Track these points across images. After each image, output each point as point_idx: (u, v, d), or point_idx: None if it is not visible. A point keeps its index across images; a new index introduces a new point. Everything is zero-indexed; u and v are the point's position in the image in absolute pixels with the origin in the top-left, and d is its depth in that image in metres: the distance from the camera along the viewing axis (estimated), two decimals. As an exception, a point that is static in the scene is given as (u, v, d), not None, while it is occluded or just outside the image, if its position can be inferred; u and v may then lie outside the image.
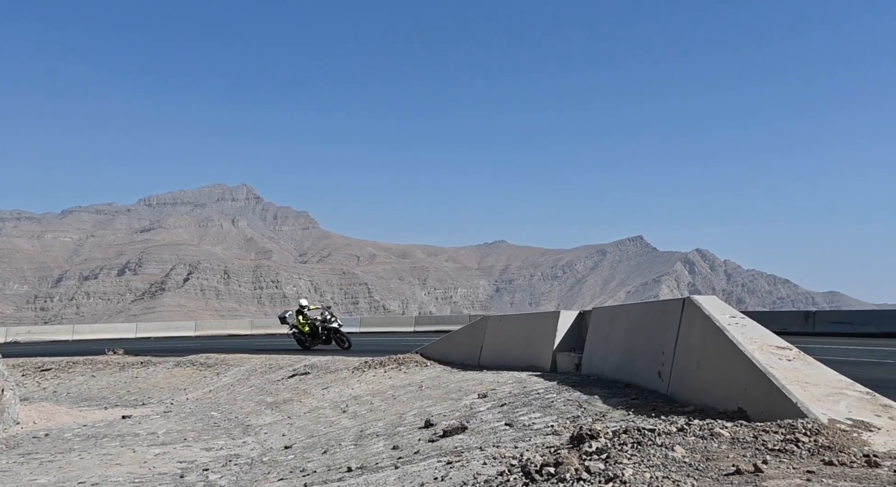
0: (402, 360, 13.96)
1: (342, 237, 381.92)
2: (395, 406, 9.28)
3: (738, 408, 4.67)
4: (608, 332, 9.07)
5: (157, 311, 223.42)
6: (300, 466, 6.20)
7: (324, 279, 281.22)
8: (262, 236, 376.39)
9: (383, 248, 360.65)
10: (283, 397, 12.18)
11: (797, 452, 3.19)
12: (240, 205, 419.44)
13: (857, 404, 3.79)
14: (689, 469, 2.99)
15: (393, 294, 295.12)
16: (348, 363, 14.99)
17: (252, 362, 17.48)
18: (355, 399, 10.70)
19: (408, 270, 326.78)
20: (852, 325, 20.65)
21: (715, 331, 5.62)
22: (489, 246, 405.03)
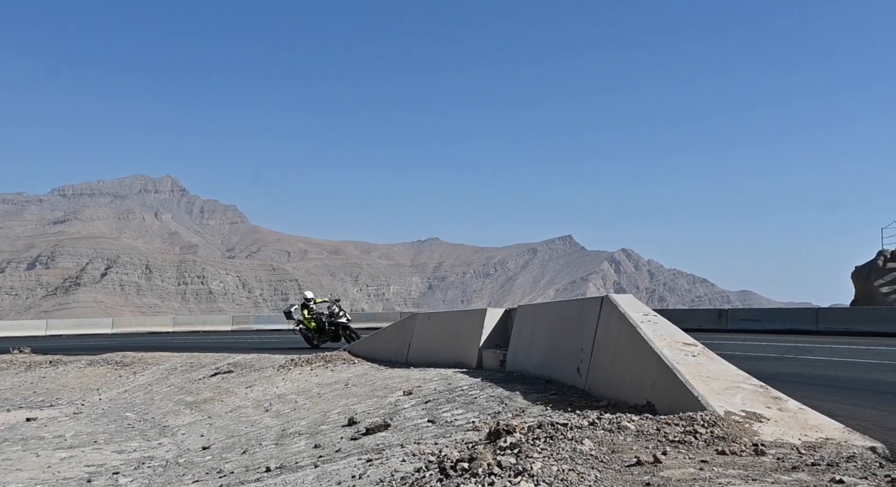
0: (330, 358, 13.81)
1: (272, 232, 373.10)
2: (320, 405, 9.19)
3: (647, 402, 4.89)
4: (532, 330, 9.29)
5: (71, 308, 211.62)
6: (217, 467, 6.05)
7: (252, 275, 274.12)
8: (188, 230, 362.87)
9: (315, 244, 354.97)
10: (204, 396, 11.82)
11: (695, 443, 3.38)
12: (164, 198, 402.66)
13: (752, 397, 4.05)
14: (595, 461, 3.12)
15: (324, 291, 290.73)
16: (274, 361, 14.69)
17: (172, 360, 16.86)
18: (279, 397, 10.51)
19: (340, 266, 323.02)
20: (760, 322, 21.94)
21: (629, 329, 5.86)
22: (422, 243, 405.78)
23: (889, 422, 4.71)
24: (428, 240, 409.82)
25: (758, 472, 2.77)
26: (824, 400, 6.38)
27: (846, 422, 4.54)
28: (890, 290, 25.42)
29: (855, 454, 3.04)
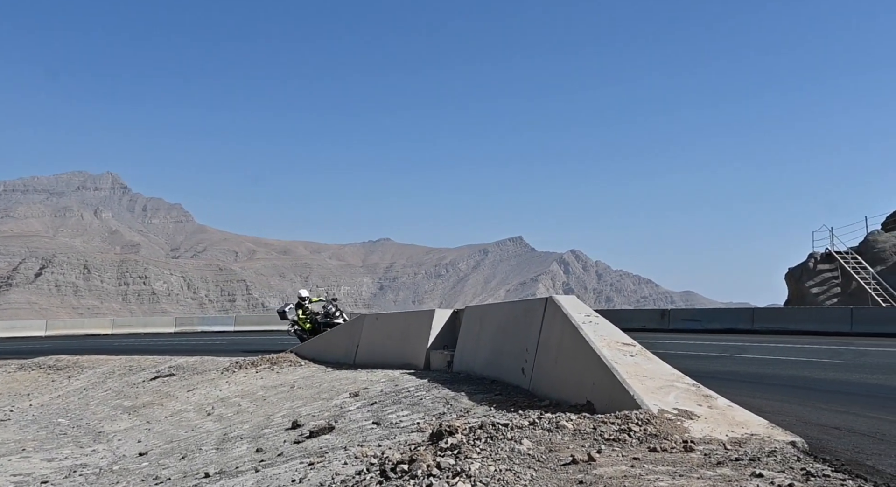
0: (276, 360, 13.59)
1: (219, 231, 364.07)
2: (264, 408, 9.02)
3: (587, 401, 5.00)
4: (478, 330, 9.36)
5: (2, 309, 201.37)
6: (154, 474, 5.87)
7: (198, 275, 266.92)
8: (130, 229, 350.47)
9: (264, 244, 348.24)
10: (143, 401, 11.45)
11: (629, 441, 3.48)
12: (104, 195, 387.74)
13: (684, 395, 4.19)
14: (532, 460, 3.18)
15: (273, 291, 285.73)
16: (218, 363, 14.35)
17: (111, 364, 16.26)
18: (222, 401, 10.28)
19: (289, 267, 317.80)
20: (700, 322, 22.67)
21: (571, 330, 5.98)
22: (374, 243, 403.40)
23: (812, 418, 4.95)
24: (379, 241, 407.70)
25: (685, 468, 2.87)
26: (756, 397, 6.66)
27: (773, 418, 4.75)
28: (820, 291, 26.68)
29: (776, 448, 3.18)
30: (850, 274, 24.86)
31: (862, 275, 24.45)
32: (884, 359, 10.42)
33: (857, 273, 24.56)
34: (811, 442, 3.69)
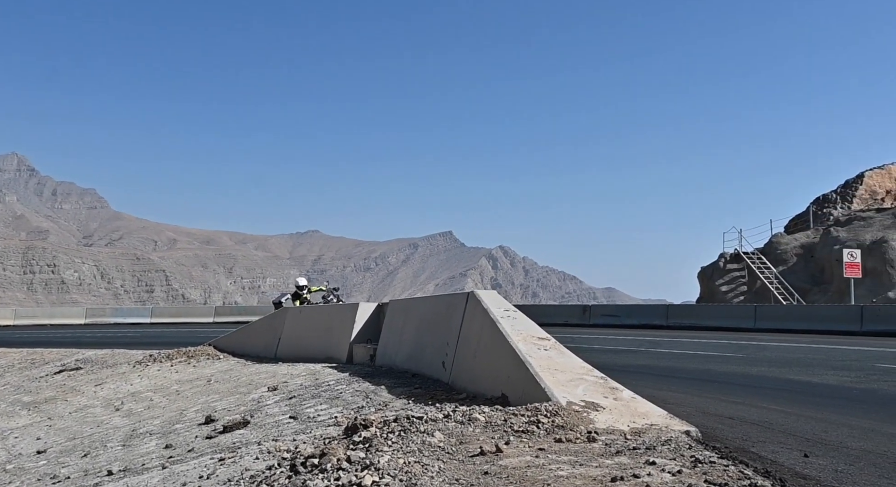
0: (193, 353, 13.14)
1: (137, 219, 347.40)
2: (178, 403, 8.72)
3: (502, 394, 5.11)
4: (402, 324, 9.38)
5: None
6: (52, 472, 5.57)
7: (113, 264, 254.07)
8: (37, 214, 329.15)
9: (185, 233, 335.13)
10: (45, 395, 10.82)
11: (537, 432, 3.58)
12: (8, 178, 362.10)
13: (592, 388, 4.36)
14: (441, 452, 3.22)
15: (195, 282, 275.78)
16: (130, 356, 13.74)
17: (10, 357, 15.27)
18: (133, 395, 9.86)
19: (212, 257, 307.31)
20: (619, 318, 23.54)
21: (490, 324, 6.09)
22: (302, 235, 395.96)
23: (710, 408, 5.25)
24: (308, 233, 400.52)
25: (586, 457, 2.99)
26: (663, 389, 6.98)
27: (675, 409, 5.00)
28: (729, 289, 28.26)
29: (672, 437, 3.36)
30: (755, 273, 26.44)
31: (766, 275, 26.05)
32: (781, 354, 11.16)
33: (762, 272, 26.15)
34: (705, 431, 3.91)
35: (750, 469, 2.73)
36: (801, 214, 30.89)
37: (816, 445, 3.59)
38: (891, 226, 24.95)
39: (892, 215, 25.83)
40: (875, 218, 26.09)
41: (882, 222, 25.46)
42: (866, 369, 8.50)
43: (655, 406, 4.08)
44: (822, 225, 28.29)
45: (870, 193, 29.43)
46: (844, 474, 2.87)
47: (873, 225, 25.53)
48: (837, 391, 6.55)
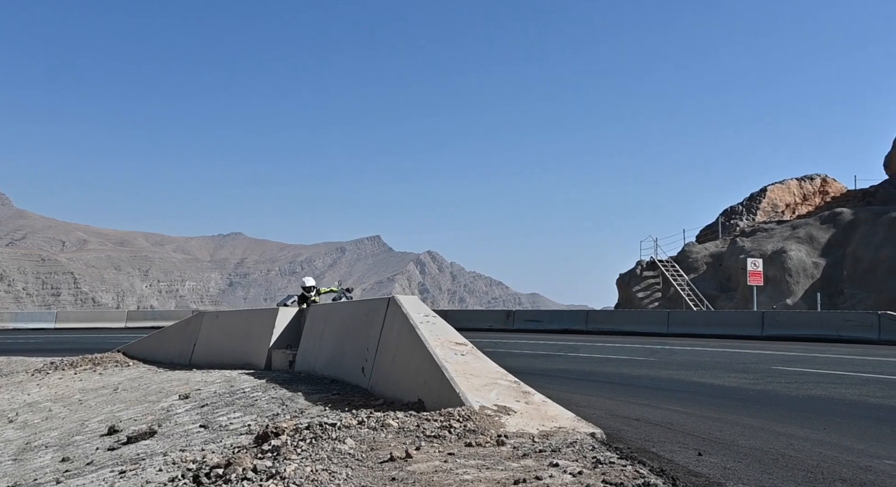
0: (100, 360, 12.48)
1: (43, 218, 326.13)
2: (80, 413, 8.24)
3: (419, 400, 5.13)
4: (322, 329, 9.25)
5: None
6: (-70, 492, 5.13)
7: (14, 265, 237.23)
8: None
9: (97, 233, 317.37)
10: (-71, 408, 9.96)
11: (449, 437, 3.62)
12: None
13: (506, 392, 4.45)
14: (351, 459, 3.20)
15: (107, 285, 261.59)
16: (29, 364, 12.89)
17: None
18: (30, 406, 9.24)
19: (127, 259, 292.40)
20: (541, 323, 24.08)
21: (409, 329, 6.10)
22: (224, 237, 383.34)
23: (619, 411, 5.46)
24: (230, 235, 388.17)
25: (493, 460, 3.05)
26: (577, 392, 7.20)
27: (585, 412, 5.17)
28: (645, 295, 29.49)
29: (577, 439, 3.48)
30: (669, 280, 27.71)
31: (679, 282, 27.34)
32: (689, 357, 11.73)
33: (675, 279, 27.43)
34: (611, 433, 4.07)
35: (646, 469, 2.86)
36: (711, 225, 32.64)
37: (711, 444, 3.79)
38: (790, 238, 26.75)
39: (790, 227, 27.71)
40: (776, 229, 27.90)
41: (782, 233, 27.25)
42: (763, 371, 9.06)
43: (565, 409, 4.20)
44: (730, 235, 30.00)
45: (772, 206, 31.46)
46: (731, 470, 3.05)
47: (774, 236, 27.29)
48: (736, 392, 6.95)
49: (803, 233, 26.72)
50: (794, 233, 26.91)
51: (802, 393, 6.70)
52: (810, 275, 25.45)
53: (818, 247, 26.04)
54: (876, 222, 25.14)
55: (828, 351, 12.80)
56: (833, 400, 6.10)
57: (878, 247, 24.25)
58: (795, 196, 32.04)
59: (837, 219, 26.67)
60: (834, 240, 25.95)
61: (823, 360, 10.87)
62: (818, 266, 25.56)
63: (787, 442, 3.88)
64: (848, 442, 3.91)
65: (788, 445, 3.77)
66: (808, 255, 25.86)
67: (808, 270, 25.55)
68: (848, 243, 25.42)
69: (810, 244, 26.20)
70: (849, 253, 25.09)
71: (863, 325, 16.07)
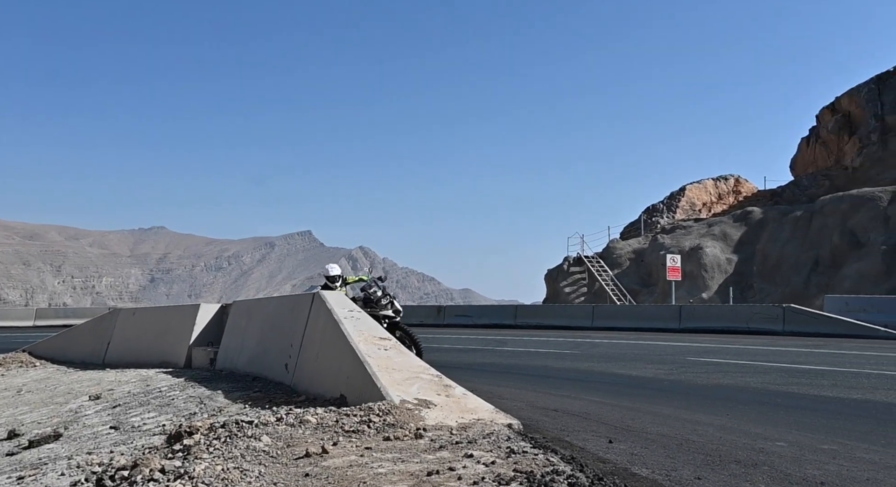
0: (2, 361, 11.71)
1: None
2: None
3: (341, 395, 5.08)
4: (246, 326, 9.01)
5: None
6: None
7: None
8: None
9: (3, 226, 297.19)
10: None
11: (367, 431, 3.60)
12: None
13: (427, 386, 4.46)
14: (265, 457, 3.13)
15: (14, 281, 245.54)
16: (-79, 367, 11.90)
17: None
18: (-79, 412, 8.55)
19: (37, 254, 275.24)
20: (471, 317, 24.33)
21: (333, 325, 6.03)
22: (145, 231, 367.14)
23: (539, 402, 5.59)
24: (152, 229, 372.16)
25: (410, 453, 3.06)
26: (501, 385, 7.33)
27: (506, 404, 5.27)
28: (571, 290, 30.30)
29: (494, 431, 3.53)
30: (594, 275, 28.58)
31: (603, 277, 28.24)
32: (610, 350, 12.14)
33: (600, 275, 28.32)
34: (529, 424, 4.16)
35: (557, 457, 2.94)
36: (635, 222, 33.88)
37: (622, 432, 3.94)
38: (706, 235, 28.12)
39: (706, 225, 29.12)
40: (693, 227, 29.26)
41: (699, 231, 28.60)
42: (678, 362, 9.49)
43: (485, 402, 4.26)
44: (651, 232, 31.24)
45: (690, 205, 32.96)
46: (638, 456, 3.18)
47: (692, 233, 28.61)
48: (651, 382, 7.25)
49: (718, 230, 28.14)
50: (710, 231, 28.30)
51: (711, 382, 7.06)
52: (724, 271, 26.84)
53: (731, 244, 27.49)
54: (782, 220, 26.78)
55: (737, 343, 13.54)
56: (738, 388, 6.46)
57: (784, 245, 25.85)
58: (711, 195, 33.69)
59: (748, 217, 28.23)
60: (745, 237, 27.46)
61: (733, 351, 11.50)
62: (731, 262, 26.99)
63: (693, 428, 4.08)
64: (747, 427, 4.15)
65: (693, 431, 3.97)
66: (722, 252, 27.26)
67: (721, 266, 26.93)
68: (758, 240, 26.96)
69: (724, 241, 27.62)
70: (758, 249, 26.62)
71: (769, 318, 17.09)
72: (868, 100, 29.49)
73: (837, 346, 12.23)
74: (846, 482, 2.75)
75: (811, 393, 6.08)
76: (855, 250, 23.92)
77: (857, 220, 24.21)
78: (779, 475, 2.83)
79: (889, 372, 7.72)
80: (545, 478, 2.52)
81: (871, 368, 8.20)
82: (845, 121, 30.76)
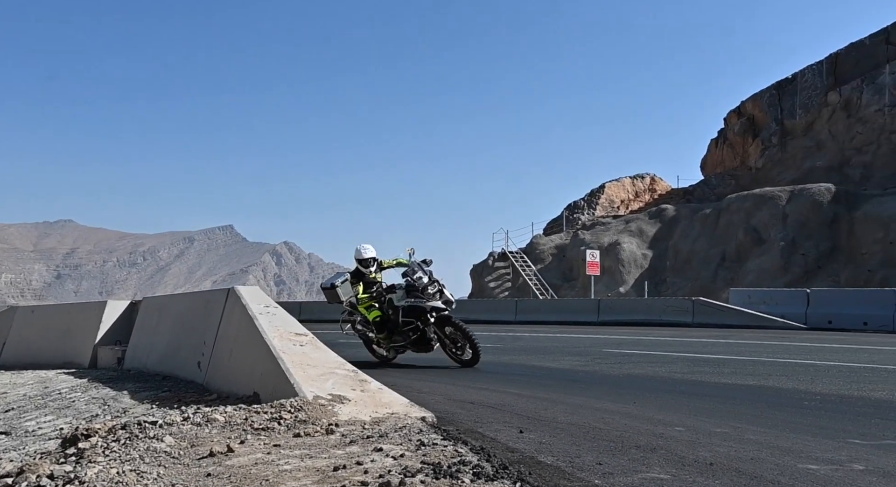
0: None
1: None
2: None
3: (254, 393, 4.95)
4: (156, 323, 8.64)
5: None
6: None
7: None
8: None
9: None
10: None
11: (277, 429, 3.52)
12: None
13: (342, 381, 4.42)
14: (166, 457, 3.01)
15: None
16: None
17: None
18: None
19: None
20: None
21: (248, 321, 5.86)
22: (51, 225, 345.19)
23: (457, 395, 5.64)
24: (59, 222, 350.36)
25: (319, 450, 3.02)
26: (420, 379, 7.34)
27: (423, 397, 5.28)
28: (496, 285, 30.80)
29: (407, 424, 3.54)
30: (518, 271, 29.15)
31: (527, 272, 28.85)
32: (531, 343, 12.41)
33: (524, 270, 28.91)
34: (444, 416, 4.19)
35: (467, 448, 2.97)
36: (557, 218, 34.78)
37: (534, 422, 4.04)
38: (623, 231, 29.22)
39: (624, 221, 30.26)
40: (612, 223, 30.34)
41: (617, 227, 29.69)
42: (594, 354, 9.82)
43: (400, 395, 4.26)
44: (573, 228, 32.16)
45: (609, 202, 34.15)
46: (545, 445, 3.26)
47: (610, 229, 29.66)
48: (567, 373, 7.46)
49: (634, 227, 29.30)
50: (627, 227, 29.43)
51: (623, 372, 7.34)
52: (640, 266, 27.99)
53: (647, 240, 28.70)
54: (693, 218, 28.19)
55: (651, 334, 14.16)
56: (647, 378, 6.75)
57: (695, 240, 27.23)
58: (629, 193, 35.04)
59: (663, 214, 29.55)
60: (659, 233, 28.73)
61: (646, 342, 12.01)
62: (646, 257, 28.18)
63: (601, 416, 4.22)
64: (651, 413, 4.35)
65: (601, 419, 4.12)
66: (639, 247, 28.42)
67: (638, 261, 28.08)
68: (671, 237, 28.27)
69: (640, 237, 28.81)
70: (671, 245, 27.93)
71: (680, 310, 17.97)
72: (769, 105, 31.46)
73: (740, 336, 13.01)
74: (732, 461, 2.92)
75: (712, 380, 6.43)
76: (757, 246, 25.50)
77: (760, 218, 25.81)
78: (673, 457, 2.98)
79: (781, 360, 8.27)
80: (451, 469, 2.55)
81: (767, 356, 8.77)
82: (749, 124, 32.70)
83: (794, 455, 3.07)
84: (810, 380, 6.21)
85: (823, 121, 29.33)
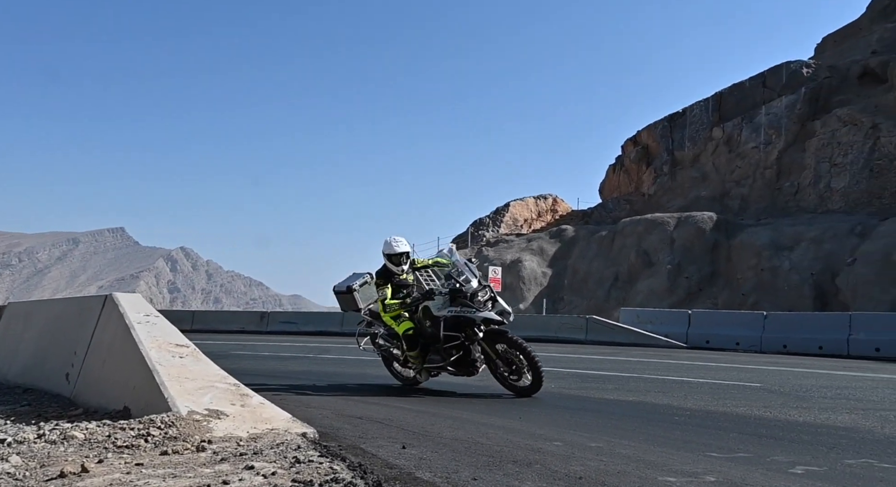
0: None
1: None
2: None
3: (125, 407, 4.64)
4: (22, 331, 7.93)
5: None
6: None
7: None
8: None
9: None
10: None
11: (144, 446, 3.31)
12: None
13: (222, 395, 4.22)
14: (10, 479, 2.75)
15: None
16: None
17: None
18: None
19: None
20: (296, 324, 23.68)
21: (124, 330, 5.50)
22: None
23: (346, 410, 5.54)
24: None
25: (186, 468, 2.86)
26: (312, 393, 7.16)
27: (313, 412, 5.15)
28: (399, 299, 30.77)
29: (286, 440, 3.43)
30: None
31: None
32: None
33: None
34: (328, 432, 4.10)
35: (344, 464, 2.91)
36: (463, 234, 35.30)
37: (419, 437, 4.03)
38: (525, 249, 30.08)
39: (526, 240, 31.18)
40: (515, 241, 31.17)
41: (519, 245, 30.54)
42: (489, 369, 9.97)
43: (282, 410, 4.13)
44: (478, 244, 32.74)
45: (513, 220, 35.10)
46: (426, 460, 3.26)
47: (513, 247, 30.46)
48: (459, 388, 7.52)
49: (536, 245, 30.25)
50: (529, 246, 30.33)
51: (514, 387, 7.48)
52: (540, 283, 28.88)
53: (547, 259, 29.69)
54: (590, 239, 29.48)
55: (546, 351, 14.55)
56: (538, 393, 6.92)
57: (591, 261, 28.46)
58: (532, 212, 36.18)
59: (563, 234, 30.71)
60: (559, 253, 29.81)
61: (541, 358, 12.34)
62: (546, 275, 29.13)
63: (484, 432, 4.28)
64: (532, 429, 4.46)
65: (484, 434, 4.17)
66: (539, 265, 29.33)
67: (538, 278, 28.96)
68: (569, 256, 29.41)
69: (541, 255, 29.76)
70: (569, 264, 29.04)
71: (575, 327, 18.65)
72: (662, 135, 33.60)
73: (627, 354, 13.66)
74: (601, 475, 3.04)
75: (596, 396, 6.70)
76: (647, 268, 27.01)
77: (650, 242, 27.38)
78: (547, 472, 3.06)
79: (661, 377, 8.76)
80: (323, 487, 2.48)
81: (648, 374, 9.25)
82: (644, 152, 34.75)
83: (656, 468, 3.24)
84: (683, 396, 6.61)
85: (708, 154, 31.65)
